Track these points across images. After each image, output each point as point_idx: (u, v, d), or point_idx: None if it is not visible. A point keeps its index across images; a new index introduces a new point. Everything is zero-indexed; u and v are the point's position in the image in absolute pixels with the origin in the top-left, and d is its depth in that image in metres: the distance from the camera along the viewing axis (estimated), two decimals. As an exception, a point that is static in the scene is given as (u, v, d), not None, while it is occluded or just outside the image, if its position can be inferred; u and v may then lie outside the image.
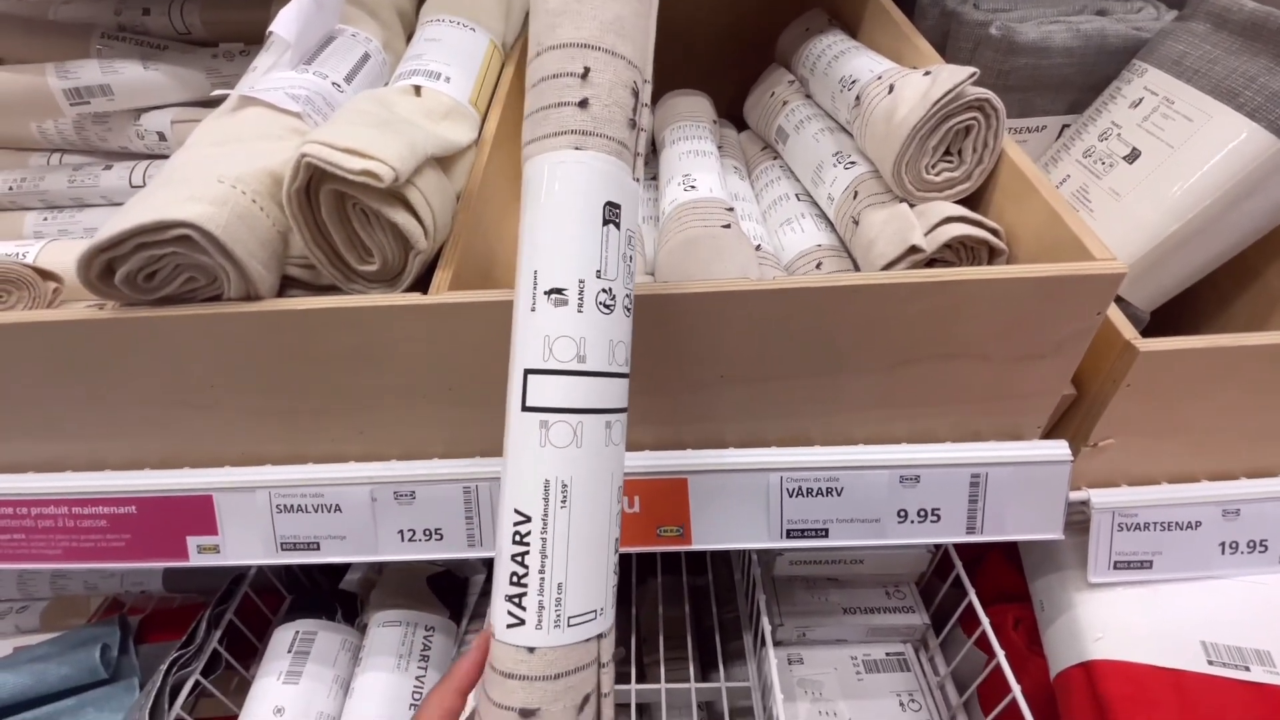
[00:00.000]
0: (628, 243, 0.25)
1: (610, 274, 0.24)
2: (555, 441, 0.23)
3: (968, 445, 0.37)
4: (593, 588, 0.23)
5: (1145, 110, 0.44)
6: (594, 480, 0.23)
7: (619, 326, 0.24)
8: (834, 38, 0.58)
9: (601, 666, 0.24)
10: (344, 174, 0.29)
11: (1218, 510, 0.40)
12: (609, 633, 0.25)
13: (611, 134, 0.24)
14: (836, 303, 0.32)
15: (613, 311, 0.24)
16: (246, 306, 0.32)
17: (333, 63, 0.45)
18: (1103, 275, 0.31)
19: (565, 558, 0.23)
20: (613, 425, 0.24)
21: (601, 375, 0.23)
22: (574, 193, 0.23)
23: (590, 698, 0.24)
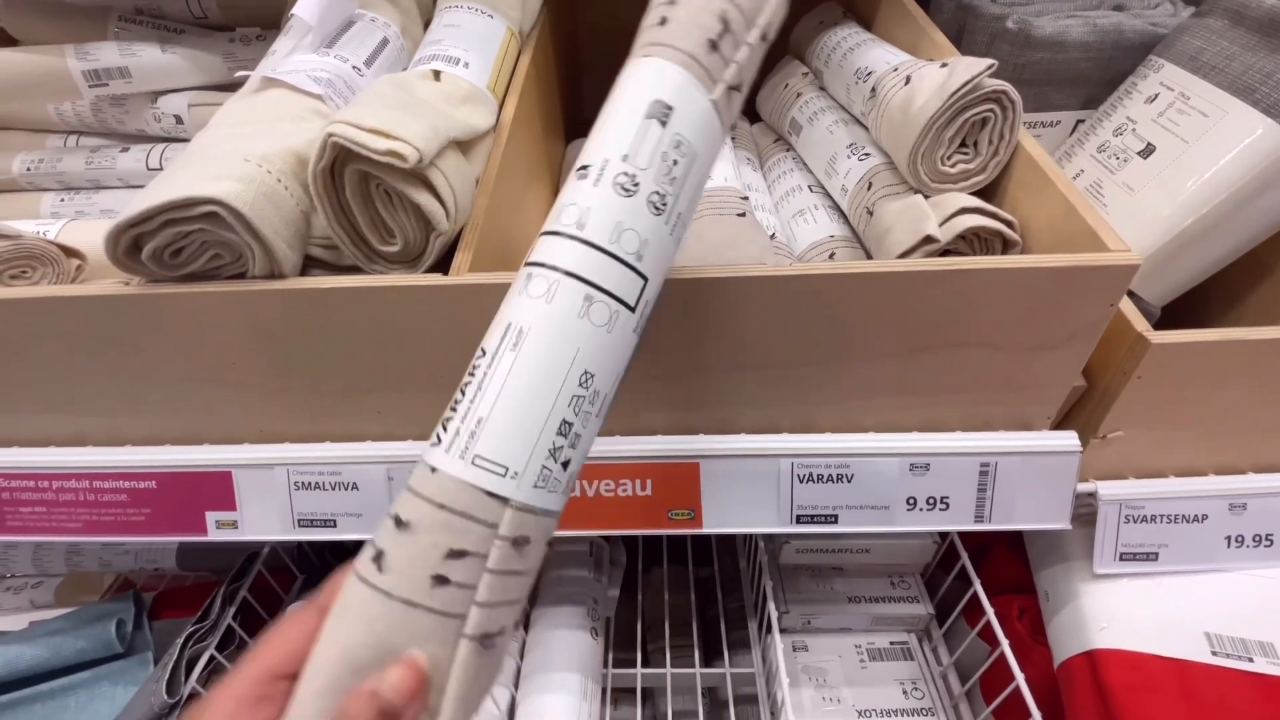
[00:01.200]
0: (675, 147, 0.24)
1: (639, 163, 0.23)
2: (530, 291, 0.22)
3: (978, 434, 0.38)
4: (514, 445, 0.21)
5: (1161, 105, 0.44)
6: (553, 341, 0.22)
7: (636, 216, 0.23)
8: (849, 30, 0.59)
9: (498, 538, 0.21)
10: (369, 154, 0.29)
11: (1224, 504, 0.40)
12: (521, 512, 0.22)
13: (680, 46, 0.24)
14: (851, 290, 0.32)
15: (631, 197, 0.23)
16: (270, 284, 0.33)
17: (353, 47, 0.46)
18: (1117, 266, 0.31)
19: (495, 397, 0.21)
20: (594, 303, 0.22)
21: (594, 247, 0.22)
22: (626, 86, 0.24)
23: (466, 559, 0.21)
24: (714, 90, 0.25)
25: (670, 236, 0.24)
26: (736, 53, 0.26)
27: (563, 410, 0.22)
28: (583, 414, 0.23)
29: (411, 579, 0.21)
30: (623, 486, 0.38)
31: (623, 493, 0.38)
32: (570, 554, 0.58)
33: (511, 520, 0.21)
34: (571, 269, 0.22)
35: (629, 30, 0.27)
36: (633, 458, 0.37)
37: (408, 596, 0.21)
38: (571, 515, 0.38)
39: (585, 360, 0.23)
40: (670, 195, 0.24)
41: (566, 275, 0.22)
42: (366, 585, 0.21)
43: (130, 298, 0.33)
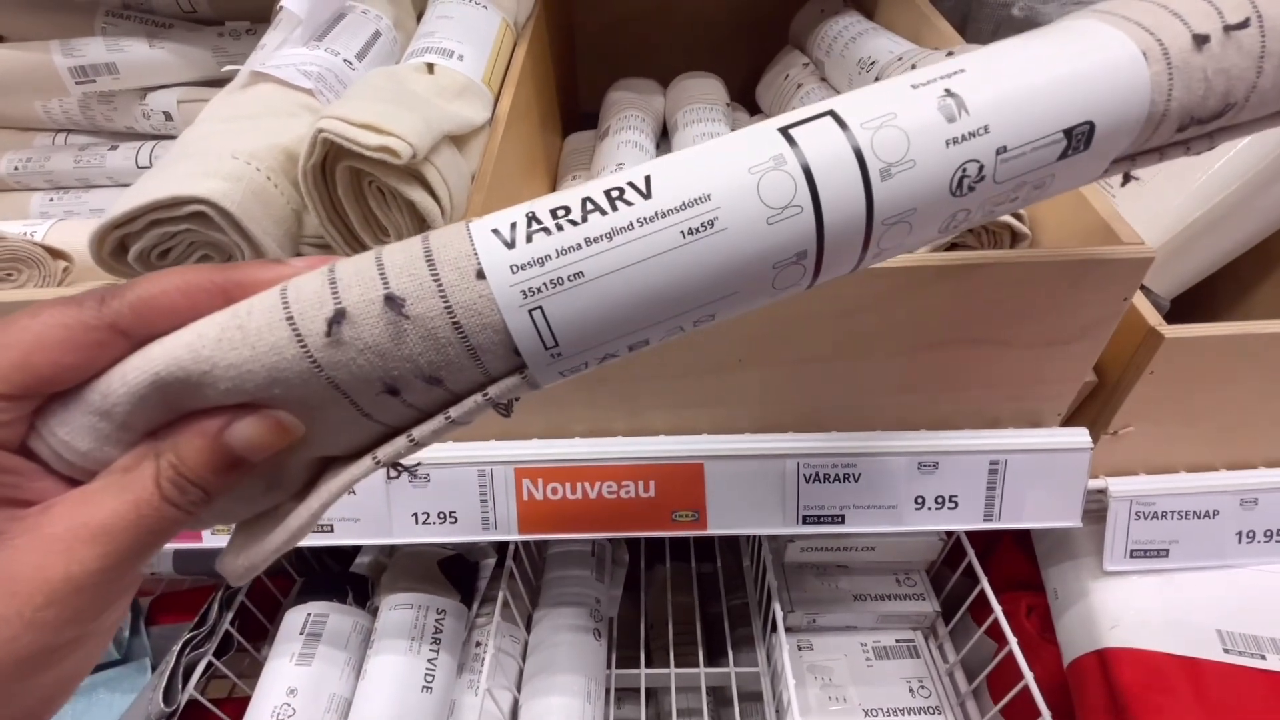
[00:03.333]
0: (1038, 168, 0.19)
1: (1005, 135, 0.18)
2: (764, 181, 0.17)
3: (987, 432, 0.37)
4: (583, 328, 0.17)
5: (1171, 93, 0.43)
6: (730, 263, 0.17)
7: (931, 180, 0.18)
8: (851, 19, 0.58)
9: (484, 395, 0.18)
10: (361, 150, 0.28)
11: (1235, 500, 0.40)
12: (524, 385, 0.18)
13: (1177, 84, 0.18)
14: (857, 285, 0.32)
15: (949, 147, 0.17)
16: (261, 286, 0.32)
17: (344, 40, 0.44)
18: (1131, 260, 0.30)
19: (616, 268, 0.16)
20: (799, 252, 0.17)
21: (862, 168, 0.17)
22: (1079, 50, 0.19)
23: (435, 389, 0.17)
24: (1118, 164, 0.19)
25: (910, 235, 0.18)
26: (1174, 149, 0.19)
27: (659, 331, 0.18)
28: (664, 339, 0.18)
29: (361, 372, 0.16)
30: (625, 488, 0.37)
31: (625, 494, 0.37)
32: (572, 554, 0.57)
33: (510, 387, 0.18)
34: (827, 214, 0.17)
35: (626, 21, 0.26)
36: (635, 459, 0.37)
37: (342, 384, 0.17)
38: (574, 518, 0.38)
39: (726, 306, 0.18)
40: (967, 221, 0.18)
41: (815, 214, 0.16)
42: (297, 339, 0.16)
43: (117, 300, 0.32)
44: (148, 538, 0.16)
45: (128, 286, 0.17)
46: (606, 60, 0.71)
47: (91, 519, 0.16)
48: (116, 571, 0.16)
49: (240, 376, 0.16)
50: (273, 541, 0.18)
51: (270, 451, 0.17)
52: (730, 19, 0.84)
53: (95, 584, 0.16)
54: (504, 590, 0.49)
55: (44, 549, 0.15)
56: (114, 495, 0.16)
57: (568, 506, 0.37)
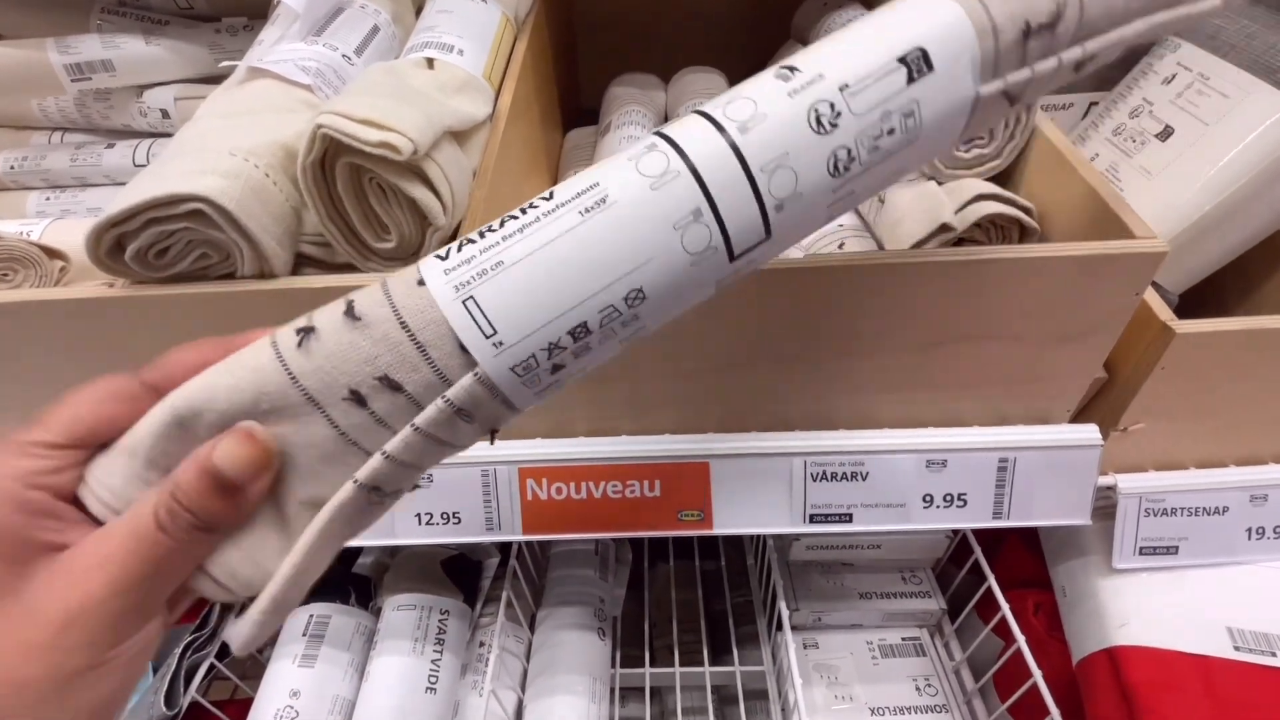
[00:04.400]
0: (903, 115, 0.20)
1: (854, 104, 0.19)
2: (641, 165, 0.19)
3: (996, 429, 0.37)
4: (519, 313, 0.18)
5: (1179, 86, 0.43)
6: (629, 233, 0.19)
7: (809, 160, 0.19)
8: (853, 12, 0.57)
9: (444, 398, 0.18)
10: (361, 146, 0.28)
11: (1245, 496, 0.39)
12: (481, 386, 0.19)
13: (992, 9, 0.19)
14: (865, 281, 0.31)
15: (818, 135, 0.19)
16: (261, 284, 0.31)
17: (342, 34, 0.44)
18: (1144, 254, 0.30)
19: (531, 251, 0.18)
20: (698, 222, 0.19)
21: (741, 163, 0.19)
22: (901, 8, 0.20)
23: (397, 396, 0.18)
24: (988, 84, 0.20)
25: (825, 209, 0.20)
26: (1042, 61, 0.20)
27: (590, 312, 0.19)
28: (606, 329, 0.19)
29: (328, 377, 0.18)
30: (630, 488, 0.37)
31: (630, 494, 0.37)
32: (576, 553, 0.57)
33: (467, 389, 0.18)
34: (701, 169, 0.18)
35: (626, 16, 0.25)
36: (640, 458, 0.36)
37: (314, 393, 0.18)
38: (578, 517, 0.37)
39: (648, 277, 0.19)
40: (859, 164, 0.20)
41: (691, 173, 0.18)
42: (276, 355, 0.19)
43: (114, 300, 0.31)
44: (147, 566, 0.17)
45: (159, 360, 0.20)
46: (607, 55, 0.70)
47: (100, 549, 0.17)
48: (125, 600, 0.17)
49: (232, 395, 0.18)
50: (266, 593, 0.19)
51: (252, 470, 0.18)
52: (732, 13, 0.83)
53: (106, 611, 0.17)
54: (508, 590, 0.49)
55: (63, 580, 0.17)
56: (121, 526, 0.18)
57: (572, 506, 0.37)
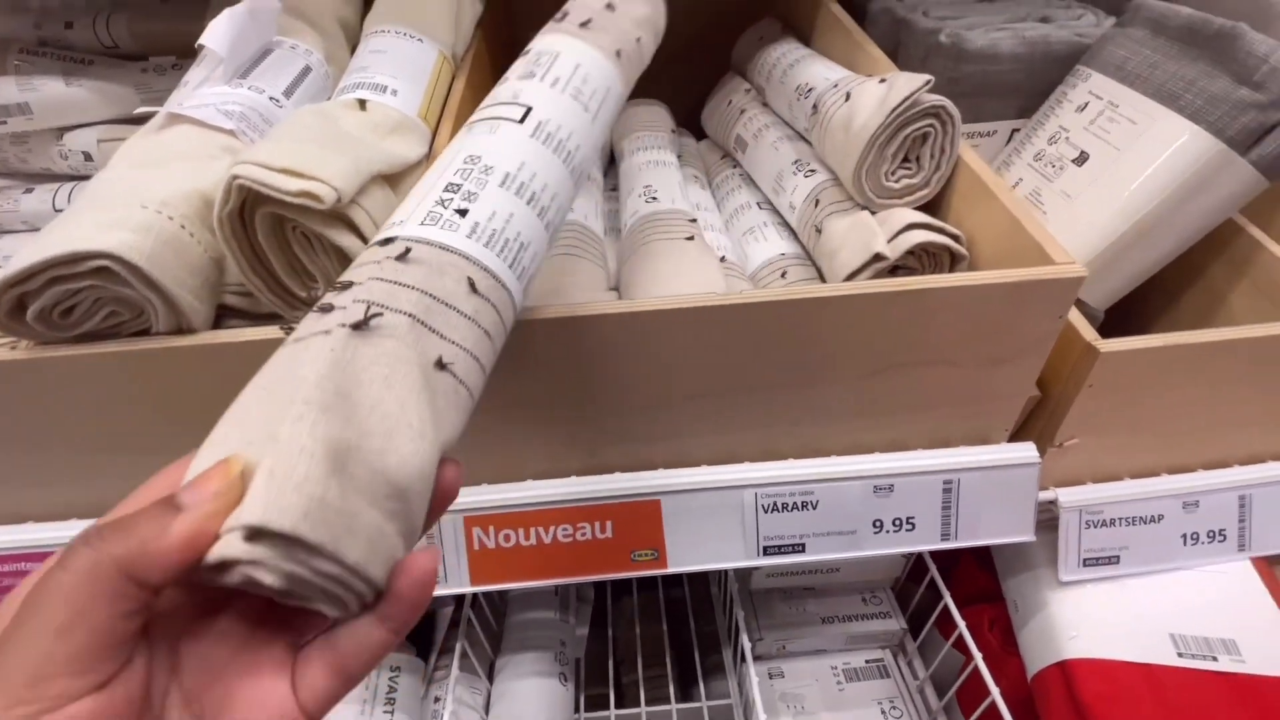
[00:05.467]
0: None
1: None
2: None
3: (939, 452, 0.37)
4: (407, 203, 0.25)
5: (1091, 114, 0.45)
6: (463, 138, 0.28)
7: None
8: (788, 46, 0.59)
9: (387, 258, 0.22)
10: (280, 196, 0.27)
11: (1178, 503, 0.41)
12: (409, 241, 0.23)
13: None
14: (805, 314, 0.32)
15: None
16: (178, 340, 0.30)
17: (270, 76, 0.43)
18: (1063, 279, 0.31)
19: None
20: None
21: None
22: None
23: (380, 318, 0.20)
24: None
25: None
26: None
27: (449, 176, 0.25)
28: (474, 179, 0.25)
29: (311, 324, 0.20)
30: (581, 530, 0.36)
31: (581, 537, 0.36)
32: (534, 594, 0.55)
33: (399, 247, 0.22)
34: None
35: None
36: (590, 499, 0.36)
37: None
38: (529, 564, 0.36)
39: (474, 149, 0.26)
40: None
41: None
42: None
43: (17, 363, 0.29)
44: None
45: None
46: None
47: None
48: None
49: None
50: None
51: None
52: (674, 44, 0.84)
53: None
54: (462, 640, 0.47)
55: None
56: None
57: (522, 553, 0.36)
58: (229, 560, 0.16)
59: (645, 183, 0.51)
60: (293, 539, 0.16)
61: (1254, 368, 0.37)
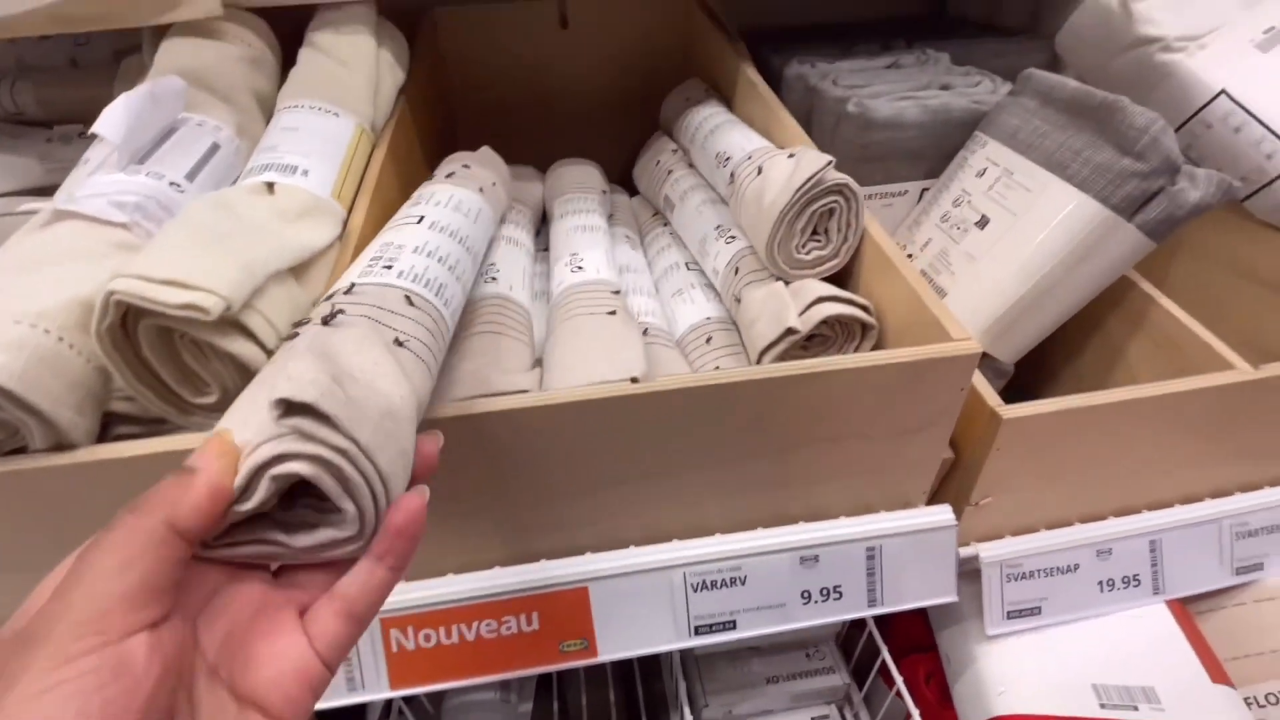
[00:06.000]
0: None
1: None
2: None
3: (860, 519, 0.38)
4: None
5: (989, 180, 0.47)
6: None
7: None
8: (711, 109, 0.60)
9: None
10: (162, 309, 0.26)
11: (1092, 551, 0.42)
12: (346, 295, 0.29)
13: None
14: (719, 398, 0.32)
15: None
16: (57, 458, 0.28)
17: (172, 159, 0.41)
18: (961, 356, 0.32)
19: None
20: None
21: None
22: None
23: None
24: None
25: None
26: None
27: (373, 253, 0.33)
28: (392, 251, 0.32)
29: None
30: (506, 624, 0.35)
31: (507, 631, 0.35)
32: (473, 673, 0.53)
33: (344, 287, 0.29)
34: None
35: (504, 106, 0.25)
36: (515, 590, 0.35)
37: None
38: (452, 664, 0.35)
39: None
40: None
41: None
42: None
43: None
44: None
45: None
46: (489, 142, 0.70)
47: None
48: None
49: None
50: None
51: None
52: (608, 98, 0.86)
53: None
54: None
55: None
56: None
57: (444, 653, 0.34)
58: (265, 462, 0.20)
59: (572, 250, 0.51)
60: (315, 411, 0.20)
61: (1150, 423, 0.39)
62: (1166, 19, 0.50)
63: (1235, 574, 0.44)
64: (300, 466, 0.19)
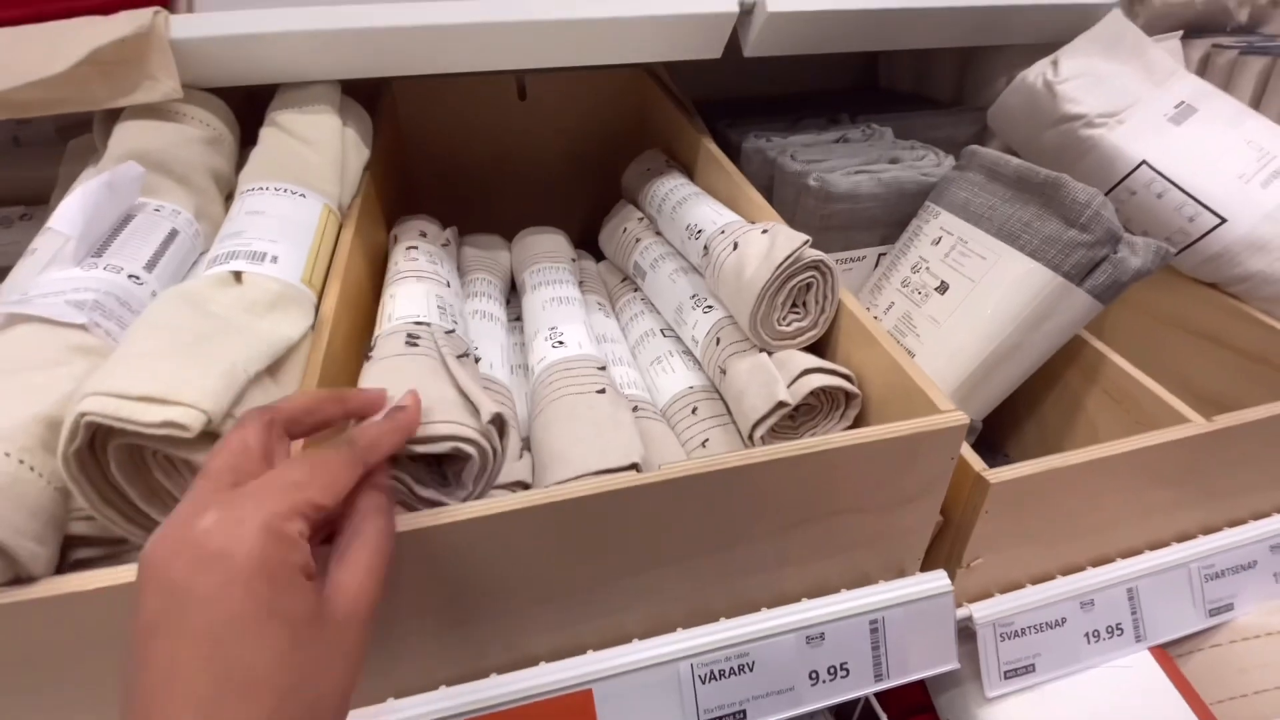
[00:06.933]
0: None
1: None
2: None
3: (861, 591, 0.38)
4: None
5: (945, 248, 0.50)
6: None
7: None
8: (675, 181, 0.62)
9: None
10: (140, 429, 0.24)
11: (1076, 604, 0.43)
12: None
13: None
14: (723, 484, 0.32)
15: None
16: (14, 594, 0.25)
17: (130, 249, 0.39)
18: (951, 428, 0.33)
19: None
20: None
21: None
22: None
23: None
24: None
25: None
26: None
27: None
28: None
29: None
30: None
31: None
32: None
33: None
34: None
35: (464, 171, 0.25)
36: (513, 700, 0.33)
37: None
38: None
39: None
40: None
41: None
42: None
43: None
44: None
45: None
46: (450, 209, 0.70)
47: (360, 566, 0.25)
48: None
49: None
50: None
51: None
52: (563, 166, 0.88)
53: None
54: None
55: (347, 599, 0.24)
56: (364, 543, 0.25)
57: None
58: (455, 435, 0.30)
59: (550, 324, 0.51)
60: (505, 424, 0.33)
61: (1120, 476, 0.41)
62: (1087, 98, 0.55)
63: (1209, 615, 0.45)
64: (475, 453, 0.30)
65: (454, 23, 0.51)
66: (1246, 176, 0.51)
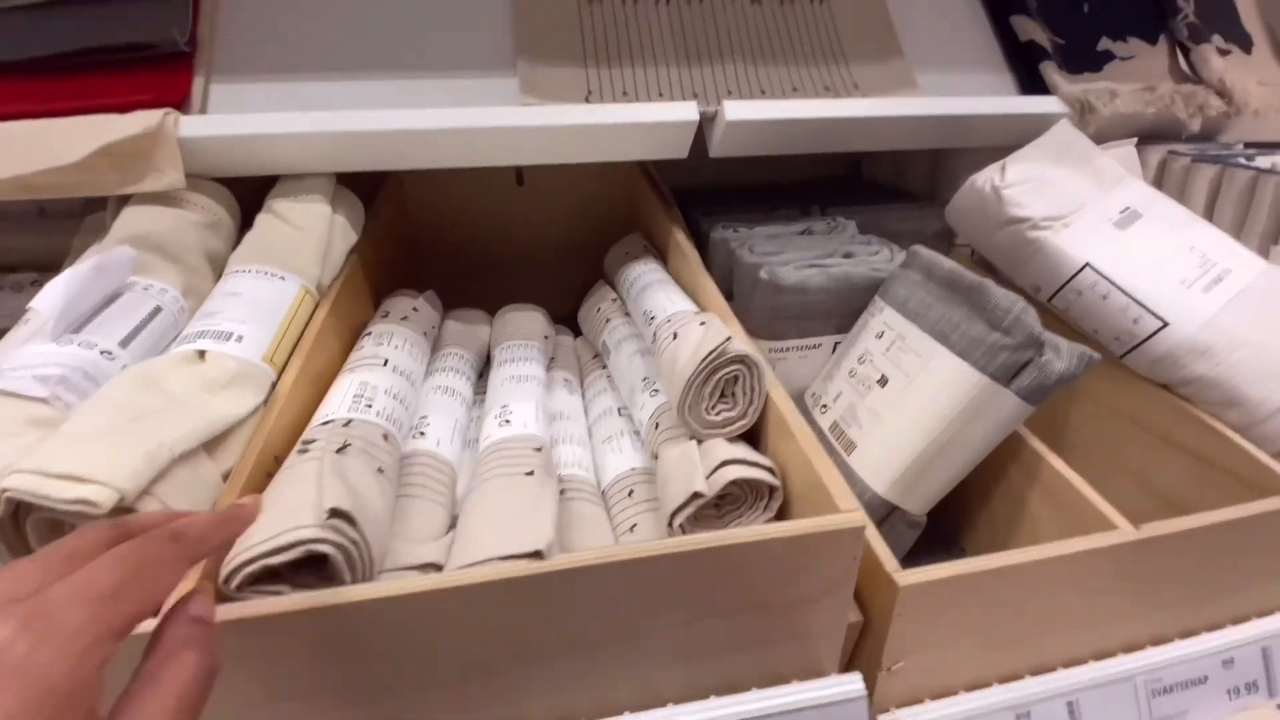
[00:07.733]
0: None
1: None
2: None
3: (772, 691, 0.37)
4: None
5: (886, 343, 0.52)
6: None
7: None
8: (645, 266, 0.65)
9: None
10: (53, 505, 0.26)
11: (1011, 715, 0.42)
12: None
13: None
14: (618, 576, 0.32)
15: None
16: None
17: (109, 326, 0.43)
18: (848, 529, 0.34)
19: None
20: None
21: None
22: None
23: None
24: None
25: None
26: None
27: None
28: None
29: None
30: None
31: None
32: None
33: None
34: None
35: (464, 249, 0.27)
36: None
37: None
38: None
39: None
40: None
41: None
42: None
43: None
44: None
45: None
46: (452, 284, 0.74)
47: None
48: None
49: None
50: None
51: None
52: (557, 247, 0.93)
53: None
54: None
55: None
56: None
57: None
58: (306, 540, 0.30)
59: (503, 402, 0.53)
60: (349, 516, 0.32)
61: (1044, 582, 0.40)
62: (1033, 202, 0.57)
63: (1155, 735, 0.43)
64: (329, 550, 0.30)
65: (448, 127, 0.56)
66: (1188, 282, 0.51)
